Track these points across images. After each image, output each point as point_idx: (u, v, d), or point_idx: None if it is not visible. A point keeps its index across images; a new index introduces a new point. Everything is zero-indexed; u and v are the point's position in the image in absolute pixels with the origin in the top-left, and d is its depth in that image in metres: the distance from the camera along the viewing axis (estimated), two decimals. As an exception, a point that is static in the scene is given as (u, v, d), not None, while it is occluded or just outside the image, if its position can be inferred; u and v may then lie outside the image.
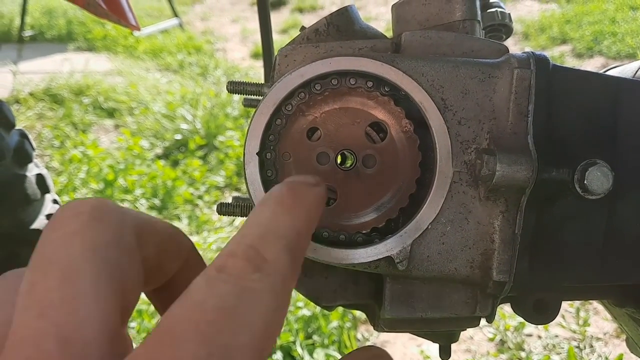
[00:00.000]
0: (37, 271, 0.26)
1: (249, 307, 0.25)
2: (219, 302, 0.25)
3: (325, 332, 1.99)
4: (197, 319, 0.24)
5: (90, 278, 0.26)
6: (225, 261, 0.27)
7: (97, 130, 3.82)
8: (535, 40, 5.45)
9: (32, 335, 0.24)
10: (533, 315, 0.51)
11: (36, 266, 0.26)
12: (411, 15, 0.53)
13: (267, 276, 0.27)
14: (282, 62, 0.49)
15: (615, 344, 2.04)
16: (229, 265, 0.27)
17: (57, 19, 6.32)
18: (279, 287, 0.27)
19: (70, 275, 0.26)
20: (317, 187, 0.35)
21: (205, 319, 0.24)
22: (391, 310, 0.49)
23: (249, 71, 4.99)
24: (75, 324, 0.24)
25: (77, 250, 0.27)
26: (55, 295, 0.25)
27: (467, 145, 0.46)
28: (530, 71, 0.46)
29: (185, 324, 0.24)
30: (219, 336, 0.24)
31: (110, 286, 0.27)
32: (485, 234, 0.47)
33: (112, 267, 0.27)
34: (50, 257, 0.26)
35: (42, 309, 0.25)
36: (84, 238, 0.27)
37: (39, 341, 0.24)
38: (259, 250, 0.28)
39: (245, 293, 0.26)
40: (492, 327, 2.11)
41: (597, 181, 0.45)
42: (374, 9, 7.18)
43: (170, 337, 0.24)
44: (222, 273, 0.26)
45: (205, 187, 3.07)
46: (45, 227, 0.28)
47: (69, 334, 0.24)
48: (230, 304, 0.25)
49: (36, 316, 0.24)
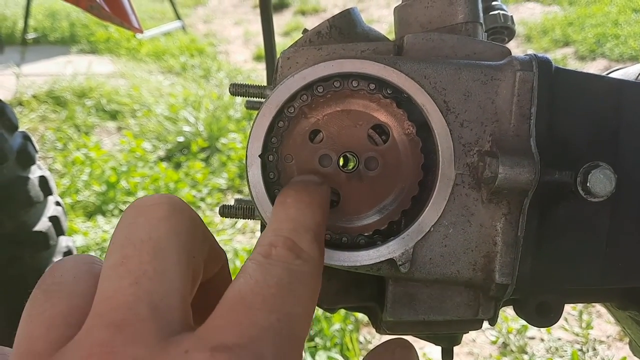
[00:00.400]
0: (129, 247, 0.30)
1: (299, 285, 0.31)
2: (277, 280, 0.30)
3: (327, 335, 1.99)
4: (262, 292, 0.29)
5: (175, 257, 0.31)
6: (269, 250, 0.33)
7: (100, 133, 3.82)
8: (538, 43, 5.45)
9: (127, 301, 0.27)
10: (536, 318, 0.51)
11: (126, 243, 0.30)
12: (413, 17, 0.53)
13: (306, 262, 0.33)
14: (284, 64, 0.49)
15: (619, 347, 2.04)
16: (274, 253, 0.32)
17: (60, 22, 6.34)
18: (315, 270, 0.34)
19: (160, 252, 0.30)
20: (323, 185, 0.42)
21: (269, 292, 0.29)
22: (393, 313, 0.49)
23: (251, 73, 5.00)
24: (164, 292, 0.29)
25: (164, 233, 0.31)
26: (149, 267, 0.29)
27: (469, 147, 0.46)
28: (532, 73, 0.46)
29: (252, 295, 0.29)
30: (283, 306, 0.29)
31: (188, 266, 0.31)
32: (487, 237, 0.47)
33: (188, 252, 0.32)
34: (142, 236, 0.31)
35: (137, 278, 0.28)
36: (169, 224, 0.32)
37: (133, 305, 0.27)
38: (294, 241, 0.34)
39: (294, 274, 0.32)
40: (495, 330, 2.11)
41: (600, 184, 0.45)
42: (376, 12, 7.19)
43: (242, 306, 0.28)
44: (270, 259, 0.32)
45: (207, 189, 3.08)
46: (127, 213, 0.32)
47: (158, 301, 0.28)
48: (285, 281, 0.31)
49: (130, 284, 0.28)
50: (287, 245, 0.33)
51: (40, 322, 0.29)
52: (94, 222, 2.69)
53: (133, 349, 0.25)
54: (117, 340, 0.26)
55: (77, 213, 2.79)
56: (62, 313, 0.29)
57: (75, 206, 2.84)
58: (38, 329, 0.28)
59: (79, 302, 0.30)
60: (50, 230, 1.30)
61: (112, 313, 0.27)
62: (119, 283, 0.28)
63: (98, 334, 0.26)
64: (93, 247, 2.49)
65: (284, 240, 0.34)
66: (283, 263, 0.32)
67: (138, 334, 0.26)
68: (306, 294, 0.32)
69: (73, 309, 0.29)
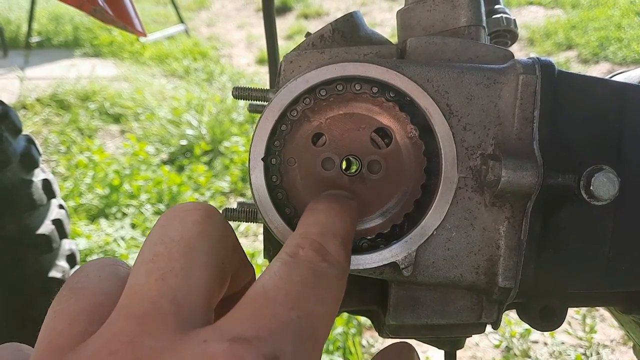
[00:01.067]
0: (160, 245, 0.31)
1: (323, 286, 0.31)
2: (302, 279, 0.31)
3: (330, 339, 1.99)
4: (286, 287, 0.30)
5: (204, 259, 0.31)
6: (296, 250, 0.33)
7: (103, 136, 3.83)
8: (541, 46, 5.44)
9: (151, 295, 0.28)
10: (539, 322, 0.51)
11: (158, 242, 0.32)
12: (416, 21, 0.53)
13: (332, 266, 0.33)
14: (287, 68, 0.49)
15: (622, 352, 2.03)
16: (300, 254, 0.33)
17: (64, 25, 6.37)
18: (340, 275, 0.34)
19: (190, 252, 0.31)
20: (353, 200, 0.43)
21: (293, 289, 0.30)
22: (396, 317, 0.49)
23: (254, 77, 5.01)
24: (188, 290, 0.29)
25: (195, 235, 0.32)
26: (177, 265, 0.30)
27: (472, 150, 0.46)
28: (535, 77, 0.46)
29: (276, 290, 0.29)
30: (305, 304, 0.29)
31: (215, 270, 0.32)
32: (490, 240, 0.46)
33: (217, 256, 0.33)
34: (173, 236, 0.32)
35: (163, 274, 0.29)
36: (201, 227, 0.33)
37: (156, 300, 0.28)
38: (322, 244, 0.34)
39: (318, 276, 0.32)
40: (498, 334, 2.10)
41: (604, 187, 0.45)
42: (379, 15, 7.20)
43: (264, 300, 0.29)
44: (296, 259, 0.32)
45: (210, 192, 3.08)
46: (163, 216, 0.34)
47: (181, 298, 0.29)
48: (310, 281, 0.31)
49: (156, 280, 0.29)
50: (314, 247, 0.34)
51: (64, 317, 0.30)
52: (97, 225, 2.70)
53: (152, 340, 0.26)
54: (137, 332, 0.27)
55: (80, 216, 2.79)
56: (85, 309, 0.30)
57: (79, 209, 2.84)
58: (61, 323, 0.29)
59: (102, 300, 0.31)
60: (53, 233, 1.30)
61: (135, 306, 0.28)
62: (146, 279, 0.30)
63: (120, 325, 0.27)
64: (96, 250, 2.49)
65: (311, 242, 0.34)
66: (309, 263, 0.32)
67: (158, 327, 0.27)
68: (329, 296, 0.32)
69: (96, 306, 0.30)
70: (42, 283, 1.28)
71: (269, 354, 0.26)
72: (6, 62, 5.08)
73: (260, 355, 0.26)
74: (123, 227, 2.69)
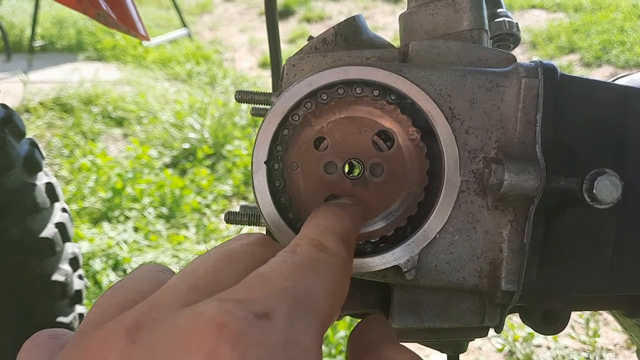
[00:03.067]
0: (222, 261, 0.35)
1: (320, 268, 0.33)
2: (298, 261, 0.32)
3: (332, 342, 1.98)
4: (280, 268, 0.31)
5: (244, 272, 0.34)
6: (294, 247, 0.35)
7: (106, 139, 3.84)
8: (543, 50, 5.44)
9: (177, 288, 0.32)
10: (542, 326, 0.51)
11: (221, 259, 0.35)
12: (419, 24, 0.53)
13: (330, 256, 0.34)
14: (289, 71, 0.49)
15: (626, 356, 2.02)
16: (298, 250, 0.34)
17: (67, 29, 6.39)
18: (340, 264, 0.35)
19: (246, 269, 0.33)
20: (357, 206, 0.44)
21: (287, 268, 0.31)
22: (399, 320, 0.48)
23: (257, 80, 5.01)
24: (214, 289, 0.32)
25: (250, 256, 0.35)
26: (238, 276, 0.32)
27: (474, 154, 0.46)
28: (538, 80, 0.46)
29: (270, 271, 0.31)
30: (300, 277, 0.31)
31: None
32: (493, 244, 0.46)
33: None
34: (235, 256, 0.35)
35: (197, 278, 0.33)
36: (255, 252, 0.36)
37: (177, 286, 0.32)
38: (320, 241, 0.35)
39: (316, 261, 0.33)
40: (501, 338, 2.10)
41: (606, 190, 0.45)
42: (382, 19, 7.21)
43: (259, 278, 0.31)
44: (294, 253, 0.34)
45: (212, 195, 3.08)
46: (230, 241, 0.38)
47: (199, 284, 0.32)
48: (306, 262, 0.33)
49: (186, 279, 0.33)
50: (312, 243, 0.35)
51: (98, 309, 0.33)
52: (100, 229, 2.70)
53: (157, 313, 0.29)
54: (149, 310, 0.30)
55: (83, 219, 2.80)
56: (119, 303, 0.33)
57: (81, 212, 2.85)
58: (93, 314, 0.33)
59: (136, 297, 0.33)
60: (56, 237, 1.30)
61: (158, 296, 0.32)
62: (177, 279, 0.33)
63: (139, 308, 0.31)
64: (99, 254, 2.49)
65: (309, 240, 0.35)
66: (306, 253, 0.34)
67: (167, 306, 0.30)
68: (327, 276, 0.33)
69: (130, 301, 0.33)
70: (45, 286, 1.28)
71: (259, 311, 0.27)
72: (10, 66, 5.10)
73: (250, 311, 0.27)
74: (126, 230, 2.70)
